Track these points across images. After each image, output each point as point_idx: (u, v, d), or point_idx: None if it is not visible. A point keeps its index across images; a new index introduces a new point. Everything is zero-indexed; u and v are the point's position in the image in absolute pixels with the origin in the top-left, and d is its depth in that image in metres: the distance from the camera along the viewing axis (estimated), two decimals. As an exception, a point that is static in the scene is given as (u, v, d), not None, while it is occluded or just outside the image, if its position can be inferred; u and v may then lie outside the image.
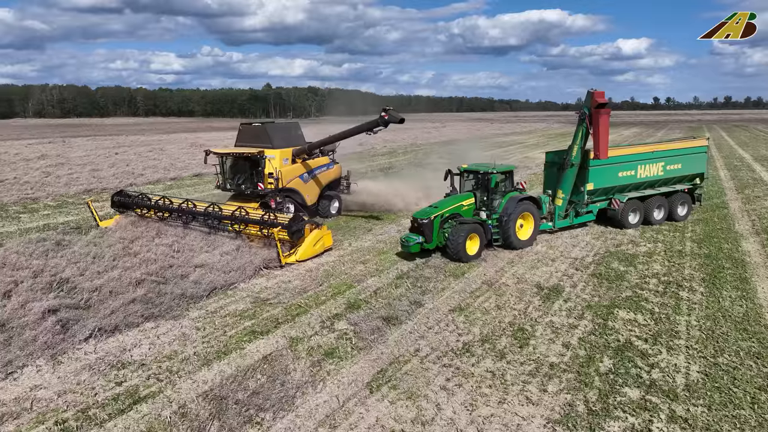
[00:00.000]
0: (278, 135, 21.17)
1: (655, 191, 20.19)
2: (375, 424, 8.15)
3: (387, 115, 18.85)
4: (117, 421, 8.28)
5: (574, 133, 18.28)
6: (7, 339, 10.85)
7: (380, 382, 9.33)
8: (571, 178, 18.44)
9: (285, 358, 10.18)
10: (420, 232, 15.95)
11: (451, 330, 11.44)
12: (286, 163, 20.84)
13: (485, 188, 17.32)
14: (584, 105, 17.82)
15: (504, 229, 16.83)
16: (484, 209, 17.27)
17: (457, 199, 16.98)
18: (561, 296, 13.23)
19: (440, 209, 16.33)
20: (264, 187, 20.08)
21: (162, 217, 19.18)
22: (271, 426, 8.14)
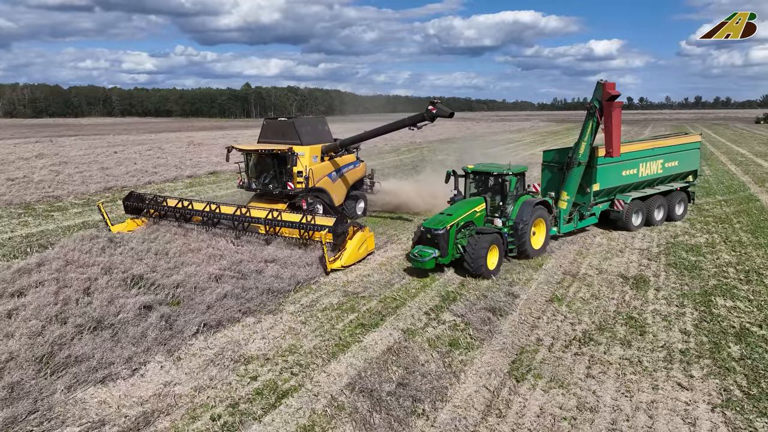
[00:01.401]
0: (306, 130, 19.68)
1: (655, 190, 19.19)
2: (541, 412, 8.04)
3: (435, 109, 17.52)
4: (273, 416, 8.01)
5: (581, 129, 16.69)
6: (112, 335, 10.44)
7: (521, 371, 9.23)
8: (576, 178, 16.83)
9: (410, 350, 10.00)
10: (434, 245, 13.79)
11: (560, 320, 11.40)
12: (315, 160, 19.39)
13: (499, 192, 15.46)
14: (594, 98, 16.20)
15: (519, 238, 14.88)
16: (498, 216, 15.27)
17: (469, 204, 14.85)
18: (649, 285, 13.31)
19: (454, 217, 14.14)
20: (294, 187, 18.63)
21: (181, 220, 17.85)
22: (436, 416, 7.97)
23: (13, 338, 10.00)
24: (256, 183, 19.56)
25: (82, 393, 8.52)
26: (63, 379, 8.79)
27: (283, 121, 19.93)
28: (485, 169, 15.66)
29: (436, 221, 14.14)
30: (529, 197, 15.65)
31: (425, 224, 14.22)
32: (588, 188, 17.35)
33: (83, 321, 10.82)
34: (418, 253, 13.71)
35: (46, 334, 10.20)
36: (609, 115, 15.97)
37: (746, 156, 43.96)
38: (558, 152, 17.99)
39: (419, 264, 13.63)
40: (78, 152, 47.90)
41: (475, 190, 15.98)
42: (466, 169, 15.75)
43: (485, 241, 13.72)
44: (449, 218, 14.12)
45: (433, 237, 13.82)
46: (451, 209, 14.72)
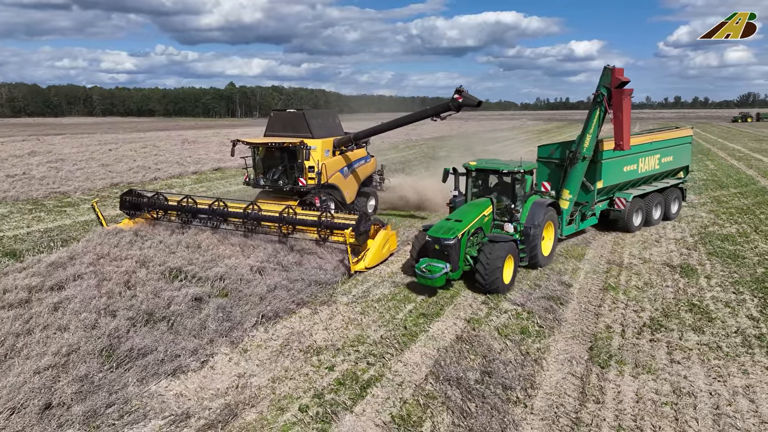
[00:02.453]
0: (317, 123, 18.40)
1: (652, 188, 18.02)
2: (639, 398, 7.85)
3: (461, 98, 16.32)
4: (363, 405, 7.70)
5: (586, 120, 15.01)
6: (169, 327, 10.04)
7: (603, 358, 9.04)
8: (579, 175, 15.27)
9: (482, 339, 9.76)
10: (443, 257, 11.72)
11: (622, 307, 11.25)
12: (328, 155, 18.24)
13: (507, 193, 13.78)
14: (600, 85, 14.54)
15: (530, 244, 13.09)
16: (507, 220, 13.38)
17: (477, 208, 12.90)
18: (698, 274, 13.23)
19: (464, 224, 12.11)
20: (305, 183, 17.40)
21: (185, 219, 16.38)
22: (532, 403, 7.73)
23: (69, 331, 9.56)
24: (264, 179, 18.29)
25: (155, 386, 8.14)
26: (131, 372, 8.41)
27: (292, 113, 18.69)
28: (491, 167, 13.79)
29: (445, 229, 11.96)
30: (539, 197, 13.90)
31: (431, 233, 11.98)
32: (591, 186, 15.95)
33: (134, 314, 10.43)
34: (427, 268, 11.55)
35: (100, 326, 9.78)
36: (619, 104, 14.41)
37: (743, 152, 44.53)
38: (556, 147, 16.36)
39: (428, 282, 11.44)
40: (71, 150, 46.86)
41: (476, 189, 14.22)
42: (469, 167, 13.81)
43: (502, 251, 11.80)
44: (459, 225, 12.03)
45: (443, 248, 11.68)
46: (459, 214, 12.69)
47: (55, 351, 8.74)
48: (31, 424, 7.00)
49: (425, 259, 11.90)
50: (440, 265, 11.51)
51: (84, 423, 7.14)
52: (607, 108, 14.59)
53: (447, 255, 11.68)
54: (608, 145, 15.58)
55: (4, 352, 8.79)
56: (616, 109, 14.49)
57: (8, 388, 7.60)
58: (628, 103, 14.60)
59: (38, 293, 11.46)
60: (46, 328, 9.73)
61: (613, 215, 17.12)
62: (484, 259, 11.74)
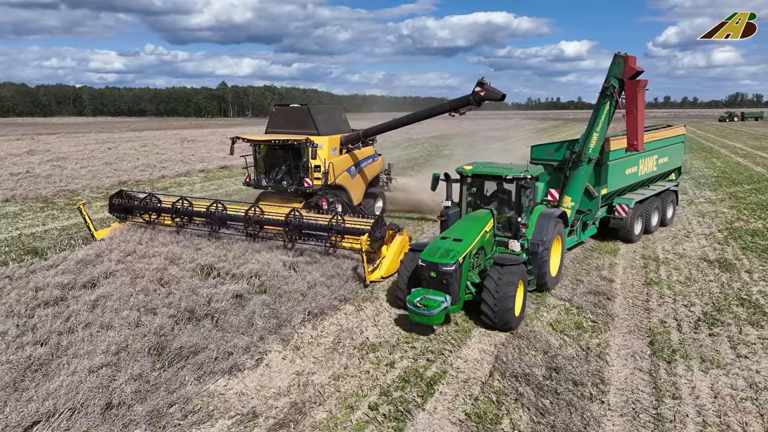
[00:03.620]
0: (323, 119, 17.06)
1: (651, 192, 16.40)
2: (716, 393, 7.66)
3: (483, 91, 14.86)
4: (434, 403, 7.45)
5: (592, 117, 13.39)
6: (214, 325, 9.73)
7: (667, 352, 8.84)
8: (583, 180, 13.61)
9: (538, 335, 9.53)
10: (441, 287, 9.45)
11: (670, 302, 11.07)
12: (335, 153, 16.85)
13: (510, 203, 11.72)
14: (610, 75, 12.96)
15: (539, 263, 11.07)
16: (512, 236, 11.38)
17: (478, 222, 10.79)
18: (737, 268, 13.09)
19: (466, 244, 9.93)
20: (311, 183, 16.07)
21: (181, 223, 15.16)
22: (607, 399, 7.51)
23: (114, 329, 9.24)
24: (267, 179, 16.93)
25: (213, 385, 7.83)
26: (186, 371, 8.10)
27: (296, 108, 17.28)
28: (491, 171, 11.47)
29: (442, 251, 9.64)
30: (545, 207, 11.87)
31: (425, 256, 9.63)
32: (595, 191, 14.28)
33: (174, 312, 10.15)
34: (422, 302, 9.18)
35: (144, 324, 9.47)
36: (633, 97, 12.83)
37: (745, 149, 44.72)
38: (555, 147, 14.59)
39: (423, 319, 9.12)
40: (69, 148, 46.16)
41: (471, 198, 11.98)
42: (464, 172, 11.53)
43: (513, 276, 9.59)
44: (459, 246, 9.80)
45: (441, 276, 9.39)
46: (457, 230, 10.46)
47: (104, 349, 8.44)
48: (96, 425, 6.68)
49: (419, 290, 9.52)
50: (438, 297, 9.21)
51: (149, 423, 6.83)
52: (618, 102, 13.06)
53: (446, 284, 9.38)
54: (615, 144, 14.18)
55: (50, 350, 8.45)
56: (630, 104, 12.97)
57: (65, 387, 7.29)
58: (643, 97, 13.02)
59: (72, 291, 11.12)
60: (88, 326, 9.41)
61: (613, 223, 15.30)
62: (492, 287, 9.49)
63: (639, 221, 15.66)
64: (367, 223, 13.00)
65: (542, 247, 11.04)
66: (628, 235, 15.32)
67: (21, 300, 10.54)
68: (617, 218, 15.16)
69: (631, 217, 15.07)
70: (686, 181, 27.11)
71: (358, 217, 13.74)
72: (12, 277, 11.96)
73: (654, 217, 16.43)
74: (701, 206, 20.67)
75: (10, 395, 7.26)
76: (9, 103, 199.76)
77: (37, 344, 8.66)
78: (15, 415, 6.73)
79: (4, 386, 7.44)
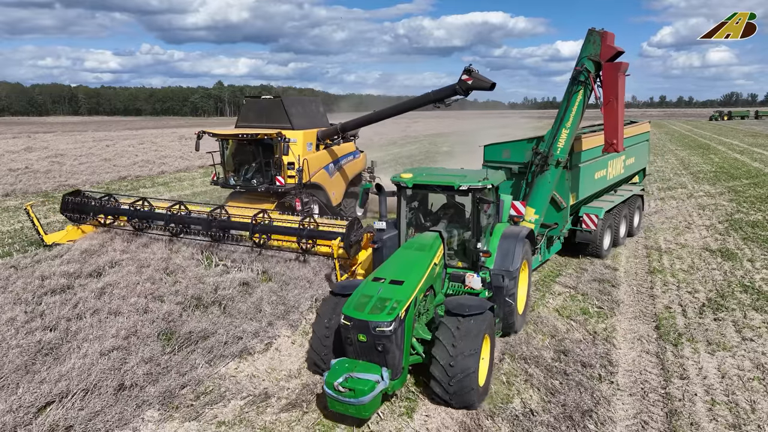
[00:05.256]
0: (298, 111, 15.71)
1: (618, 198, 14.28)
2: (723, 374, 7.73)
3: (471, 79, 13.16)
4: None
5: (561, 109, 11.10)
6: (222, 311, 9.78)
7: (673, 336, 8.92)
8: (549, 187, 11.28)
9: (545, 320, 9.61)
10: (376, 357, 6.54)
11: (674, 289, 11.16)
12: (310, 149, 15.46)
13: (469, 222, 8.63)
14: (583, 57, 10.68)
15: (504, 301, 8.43)
16: (469, 266, 8.64)
17: (424, 252, 7.82)
18: (739, 257, 13.19)
19: (408, 287, 6.98)
20: (284, 182, 14.63)
21: (138, 226, 13.54)
22: (616, 380, 7.58)
23: (122, 315, 9.26)
24: (235, 178, 15.50)
25: (224, 368, 7.86)
26: (197, 354, 8.12)
27: (268, 100, 15.84)
28: (439, 181, 8.48)
29: (375, 303, 6.66)
30: (509, 225, 9.54)
31: (350, 311, 6.60)
32: (563, 201, 12.08)
33: (182, 299, 10.17)
34: (346, 384, 6.20)
35: (152, 311, 9.49)
36: (612, 84, 10.55)
37: (741, 146, 44.94)
38: (511, 147, 12.34)
39: (350, 410, 6.25)
40: (67, 146, 46.02)
41: (413, 217, 9.17)
42: (401, 181, 8.51)
43: (476, 331, 6.74)
44: (400, 292, 6.84)
45: (374, 340, 6.41)
46: (396, 266, 7.52)
47: (114, 334, 8.46)
48: (109, 405, 6.71)
49: (342, 363, 6.53)
50: (370, 376, 6.28)
51: (162, 403, 6.86)
52: (594, 90, 10.80)
53: (382, 352, 6.44)
54: (587, 142, 12.22)
55: (59, 335, 8.47)
56: (608, 92, 10.64)
57: (77, 369, 7.32)
58: (623, 84, 10.75)
59: (78, 279, 11.14)
60: (96, 313, 9.44)
61: (580, 237, 12.84)
62: (444, 354, 6.58)
63: (608, 233, 13.40)
64: (341, 226, 11.49)
65: (508, 279, 8.38)
66: (597, 250, 12.99)
67: (27, 288, 10.54)
68: (585, 231, 12.68)
69: (600, 228, 12.74)
70: (685, 176, 27.28)
71: (336, 219, 12.25)
72: (17, 267, 11.97)
73: (622, 227, 14.16)
74: (701, 199, 20.80)
75: (23, 377, 7.28)
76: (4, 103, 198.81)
77: (47, 329, 8.69)
78: (28, 396, 6.75)
79: (16, 369, 7.46)
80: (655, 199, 21.25)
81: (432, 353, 6.78)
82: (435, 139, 57.98)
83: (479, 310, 7.04)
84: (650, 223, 16.91)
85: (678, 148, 44.74)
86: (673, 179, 26.40)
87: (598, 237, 12.79)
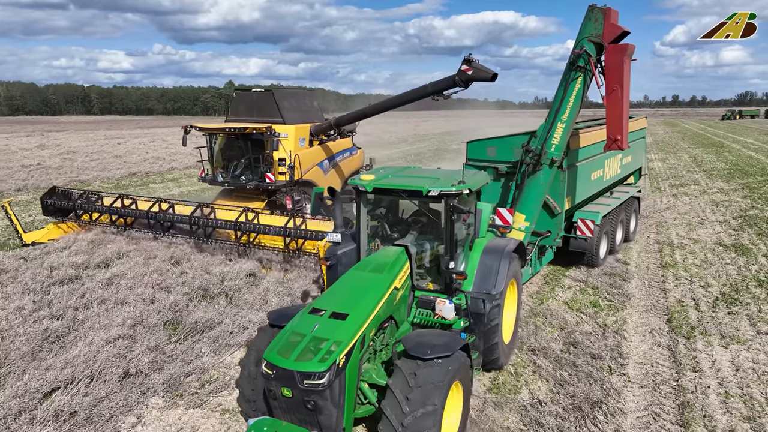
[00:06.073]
0: (290, 105, 15.08)
1: (615, 201, 12.87)
2: (737, 367, 7.57)
3: (471, 69, 12.12)
4: (451, 375, 7.36)
5: (555, 100, 9.72)
6: (228, 301, 9.73)
7: (686, 329, 8.75)
8: (542, 190, 9.86)
9: (553, 312, 9.48)
10: (308, 417, 5.12)
11: (687, 283, 10.97)
12: (303, 144, 14.87)
13: (443, 233, 6.84)
14: (583, 38, 9.31)
15: (486, 331, 6.94)
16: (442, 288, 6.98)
17: (382, 274, 6.29)
18: (754, 253, 12.95)
19: (353, 323, 5.48)
20: (274, 180, 13.99)
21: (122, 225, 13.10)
22: (627, 372, 7.44)
23: (129, 305, 9.26)
24: (224, 175, 14.79)
25: (230, 357, 7.82)
26: (202, 344, 8.09)
27: (259, 92, 15.28)
28: (405, 185, 6.81)
29: (306, 345, 5.24)
30: (492, 236, 7.94)
31: (272, 356, 5.16)
32: (558, 206, 10.55)
33: (188, 290, 10.14)
34: None
35: (159, 301, 9.48)
36: (616, 70, 9.15)
37: (756, 144, 44.33)
38: (498, 143, 10.83)
39: None
40: (79, 143, 46.43)
41: (375, 228, 7.51)
42: (360, 185, 6.84)
43: (440, 381, 5.26)
44: (341, 331, 5.38)
45: (304, 396, 5.05)
46: (343, 292, 6.07)
47: (120, 323, 8.46)
48: (114, 391, 6.68)
49: (259, 426, 5.18)
50: None
51: (166, 391, 6.83)
52: (596, 77, 9.34)
53: (314, 411, 5.07)
54: (586, 138, 11.10)
55: (66, 324, 8.48)
56: (612, 79, 9.19)
57: (83, 356, 7.31)
58: (629, 70, 9.37)
59: (86, 270, 11.16)
60: (103, 302, 9.45)
61: (574, 245, 11.47)
62: (394, 411, 5.10)
63: (604, 240, 11.99)
64: (328, 226, 10.71)
65: (490, 304, 6.82)
66: (593, 260, 11.65)
67: (36, 278, 10.59)
68: (581, 238, 11.31)
69: (597, 235, 11.35)
70: (698, 173, 26.95)
71: (327, 219, 11.25)
72: (27, 258, 12.03)
73: (619, 232, 12.91)
74: (714, 196, 20.50)
75: (29, 364, 7.29)
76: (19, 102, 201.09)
77: (54, 318, 8.71)
78: (34, 381, 6.75)
79: (23, 356, 7.48)
80: (668, 195, 20.99)
81: (381, 407, 5.17)
82: (444, 137, 57.88)
83: (445, 351, 5.42)
84: (662, 219, 16.69)
85: (691, 146, 44.23)
86: (686, 176, 26.07)
87: (594, 245, 11.39)
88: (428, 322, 6.86)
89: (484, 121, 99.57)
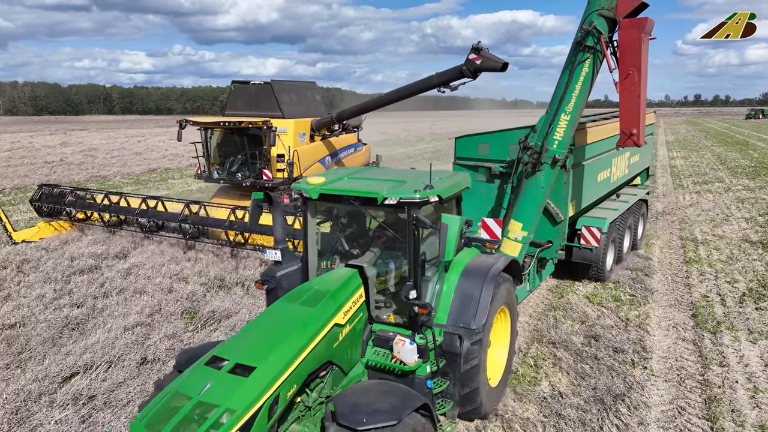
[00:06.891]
0: (289, 98, 14.56)
1: (622, 204, 11.47)
2: (766, 363, 7.35)
3: (479, 59, 10.88)
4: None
5: (558, 87, 8.05)
6: (245, 292, 9.71)
7: (711, 324, 8.53)
8: (542, 194, 8.32)
9: (574, 306, 9.30)
10: None
11: (712, 279, 10.72)
12: (303, 140, 14.22)
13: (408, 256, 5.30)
14: (592, 12, 7.61)
15: (462, 374, 5.44)
16: (406, 322, 5.48)
17: (318, 305, 4.82)
18: (780, 249, 12.63)
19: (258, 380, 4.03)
20: (272, 177, 13.35)
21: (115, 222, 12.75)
22: (650, 365, 7.26)
23: (147, 294, 9.31)
24: (219, 171, 14.15)
25: (247, 345, 7.77)
26: (219, 332, 8.09)
27: (257, 85, 14.51)
28: (356, 191, 5.39)
29: (187, 413, 3.81)
30: (477, 253, 6.33)
31: (137, 430, 3.86)
32: (560, 212, 9.05)
33: (206, 280, 10.17)
34: None
35: (176, 290, 9.53)
36: (632, 51, 7.46)
37: (783, 143, 43.39)
38: (490, 140, 9.42)
39: None
40: (100, 141, 47.06)
41: (324, 243, 6.22)
42: (304, 191, 5.62)
43: None
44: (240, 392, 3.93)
45: None
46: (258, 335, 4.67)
47: (138, 311, 8.51)
48: (132, 377, 6.70)
49: None
50: None
51: (184, 378, 6.81)
52: (608, 58, 7.60)
53: None
54: (594, 134, 9.72)
55: (86, 312, 8.56)
56: (628, 61, 7.51)
57: (101, 343, 7.36)
58: (647, 51, 7.68)
59: (105, 260, 11.26)
60: (122, 291, 9.52)
61: (578, 256, 10.02)
62: None
63: (611, 249, 10.65)
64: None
65: (468, 341, 5.42)
66: (599, 273, 10.29)
67: (57, 268, 10.71)
68: (585, 248, 9.86)
69: (604, 244, 9.96)
70: (722, 171, 26.42)
71: None
72: (48, 249, 12.16)
73: (626, 240, 11.67)
74: (739, 193, 20.06)
75: (49, 349, 7.35)
76: (43, 102, 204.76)
77: (74, 306, 8.79)
78: (54, 366, 6.80)
79: (43, 341, 7.55)
80: (690, 192, 20.59)
81: None
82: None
83: (388, 419, 4.11)
84: (685, 215, 16.36)
85: (714, 144, 43.42)
86: (710, 173, 25.57)
87: (600, 256, 9.95)
88: (386, 366, 5.28)
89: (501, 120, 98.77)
